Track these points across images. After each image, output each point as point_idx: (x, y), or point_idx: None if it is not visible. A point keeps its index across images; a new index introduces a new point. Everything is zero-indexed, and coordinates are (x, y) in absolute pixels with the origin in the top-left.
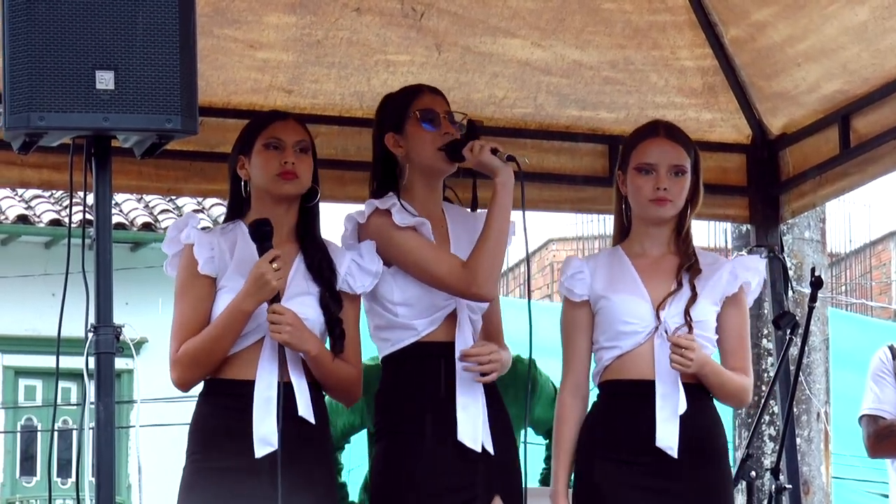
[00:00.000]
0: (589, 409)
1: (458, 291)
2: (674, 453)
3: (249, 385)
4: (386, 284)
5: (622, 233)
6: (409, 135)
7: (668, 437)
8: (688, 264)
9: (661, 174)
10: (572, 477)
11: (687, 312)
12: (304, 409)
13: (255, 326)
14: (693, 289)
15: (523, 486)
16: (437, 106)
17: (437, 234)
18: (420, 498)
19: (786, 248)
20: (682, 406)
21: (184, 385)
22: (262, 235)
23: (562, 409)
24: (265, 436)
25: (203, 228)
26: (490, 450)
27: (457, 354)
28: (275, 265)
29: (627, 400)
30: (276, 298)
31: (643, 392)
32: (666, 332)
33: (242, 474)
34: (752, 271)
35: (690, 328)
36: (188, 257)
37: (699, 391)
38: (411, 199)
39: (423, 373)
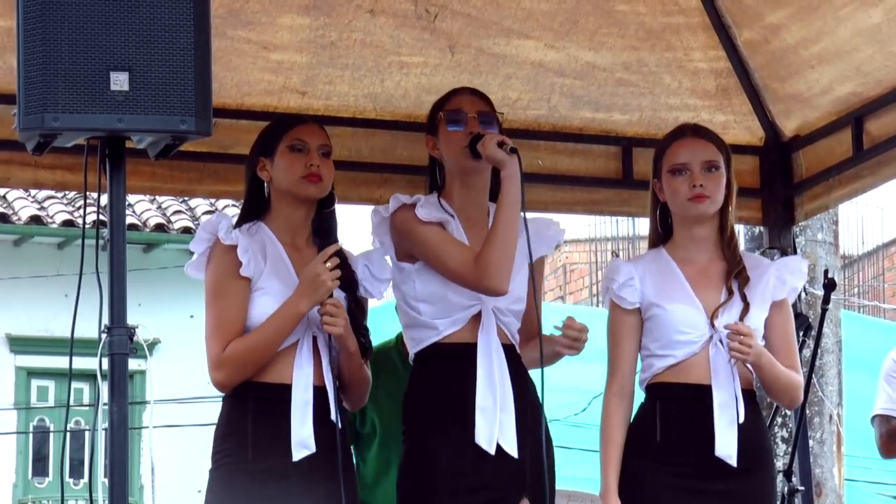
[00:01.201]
0: (637, 411)
1: (470, 284)
2: (733, 462)
3: (283, 388)
4: (409, 281)
5: (658, 239)
6: (440, 136)
7: (727, 445)
8: (736, 271)
9: (695, 172)
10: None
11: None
12: (334, 413)
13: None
14: (744, 298)
15: (550, 486)
16: (467, 106)
17: (473, 232)
18: (440, 499)
19: (798, 250)
20: (741, 415)
21: (228, 386)
22: (324, 230)
23: (609, 408)
24: (303, 439)
25: None
26: (512, 452)
27: (478, 356)
28: (328, 264)
29: (683, 402)
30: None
31: (698, 396)
32: (721, 341)
33: (276, 477)
34: (797, 274)
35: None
36: (228, 257)
37: (750, 399)
38: (450, 199)
39: (444, 374)
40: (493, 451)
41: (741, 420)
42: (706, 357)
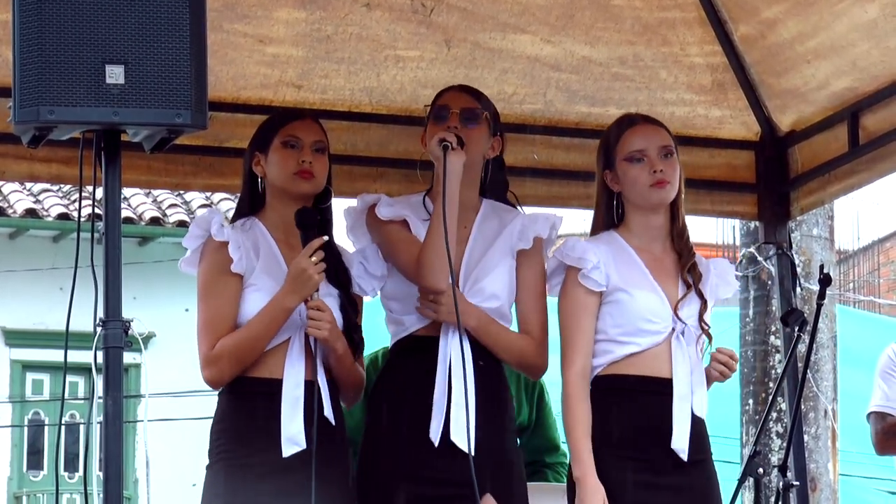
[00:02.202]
0: (592, 402)
1: (415, 281)
2: (685, 456)
3: (275, 384)
4: (387, 281)
5: (605, 225)
6: (427, 132)
7: (681, 439)
8: (689, 264)
9: (654, 157)
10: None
11: (702, 319)
12: (328, 409)
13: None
14: (701, 295)
15: (517, 482)
16: (453, 102)
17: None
18: (390, 490)
19: (794, 245)
20: (699, 409)
21: (218, 382)
22: (308, 224)
23: (574, 389)
24: (293, 435)
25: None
26: (462, 447)
27: (440, 353)
28: (314, 258)
29: (639, 395)
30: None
31: (656, 389)
32: (682, 334)
33: (271, 473)
34: (732, 276)
35: (710, 336)
36: (220, 254)
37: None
38: (435, 195)
39: (406, 367)
40: (436, 443)
41: (696, 413)
42: (667, 349)
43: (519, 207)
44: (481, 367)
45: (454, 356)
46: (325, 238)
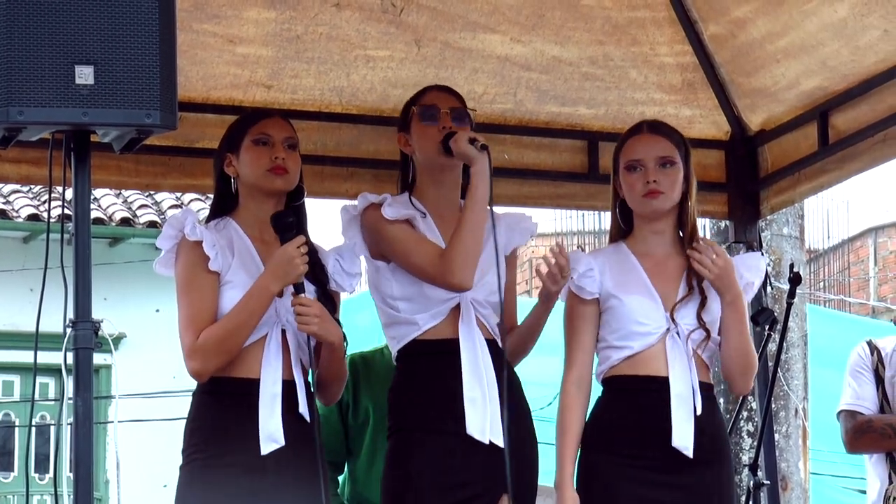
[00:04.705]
0: (594, 404)
1: (436, 280)
2: (689, 453)
3: (251, 383)
4: (386, 281)
5: (619, 234)
6: (412, 133)
7: (684, 437)
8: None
9: (650, 167)
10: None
11: (699, 316)
12: (303, 406)
13: (259, 322)
14: (702, 292)
15: (535, 481)
16: (441, 102)
17: (445, 229)
18: (423, 494)
19: (764, 244)
20: (699, 407)
21: (204, 374)
22: (285, 227)
23: (567, 399)
24: (271, 433)
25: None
26: (500, 443)
27: (462, 348)
28: (302, 250)
29: (639, 394)
30: (301, 288)
31: (655, 388)
32: (678, 334)
33: (247, 471)
34: (754, 270)
35: (708, 332)
36: (195, 253)
37: (707, 392)
38: (421, 196)
39: (429, 370)
40: (486, 441)
41: (698, 412)
42: (663, 349)
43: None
44: (499, 367)
45: (481, 353)
46: (304, 239)
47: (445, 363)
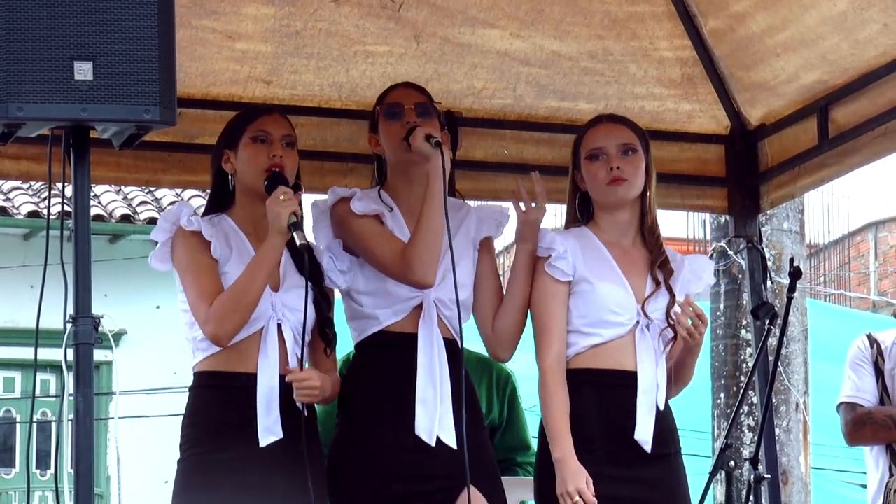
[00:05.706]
0: None
1: (398, 276)
2: (648, 448)
3: (248, 377)
4: (354, 275)
5: (573, 223)
6: (380, 131)
7: (645, 431)
8: (660, 260)
9: (612, 155)
10: (536, 463)
11: (669, 315)
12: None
13: (255, 316)
14: (670, 290)
15: (497, 479)
16: (405, 99)
17: (414, 224)
18: (369, 485)
19: (764, 239)
20: (662, 401)
21: (223, 337)
22: (270, 187)
23: (552, 376)
24: (270, 426)
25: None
26: (451, 444)
27: (419, 347)
28: (282, 197)
29: (604, 390)
30: (298, 226)
31: (622, 383)
32: (647, 328)
33: (245, 464)
34: (708, 273)
35: (675, 331)
36: (194, 239)
37: (667, 385)
38: (392, 192)
39: (383, 363)
40: (433, 443)
41: (661, 407)
42: (631, 341)
43: (465, 201)
44: (455, 366)
45: (437, 353)
46: (284, 189)
47: (401, 357)
